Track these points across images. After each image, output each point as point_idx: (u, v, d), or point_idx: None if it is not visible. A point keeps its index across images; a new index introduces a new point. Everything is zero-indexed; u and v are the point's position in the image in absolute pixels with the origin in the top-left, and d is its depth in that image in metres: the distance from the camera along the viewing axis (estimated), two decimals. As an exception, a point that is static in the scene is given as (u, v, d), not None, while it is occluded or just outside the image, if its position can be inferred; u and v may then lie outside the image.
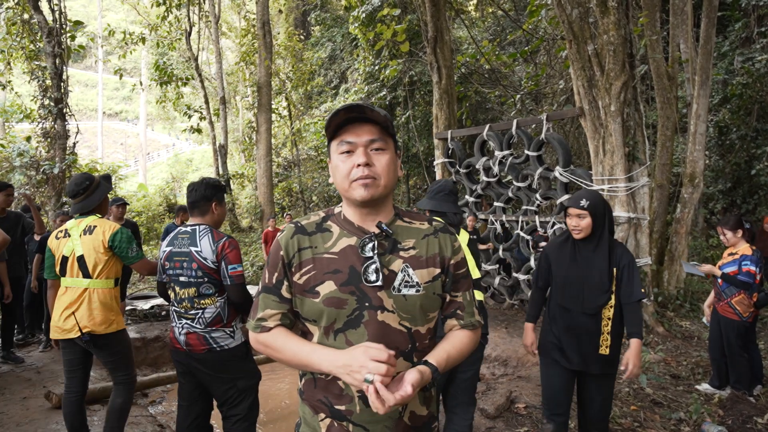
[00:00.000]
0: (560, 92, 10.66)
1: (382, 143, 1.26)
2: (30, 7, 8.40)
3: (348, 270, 1.26)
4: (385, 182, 1.26)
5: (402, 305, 1.26)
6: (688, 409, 3.88)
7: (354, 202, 1.28)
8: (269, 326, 1.33)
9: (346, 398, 1.25)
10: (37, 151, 9.01)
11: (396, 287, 1.26)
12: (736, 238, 4.14)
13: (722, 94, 10.52)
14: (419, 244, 1.33)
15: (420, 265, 1.30)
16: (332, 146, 1.30)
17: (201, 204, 2.67)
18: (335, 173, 1.29)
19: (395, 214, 1.36)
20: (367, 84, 14.44)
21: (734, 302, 4.08)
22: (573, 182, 6.22)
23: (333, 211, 1.38)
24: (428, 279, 1.30)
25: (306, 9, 21.71)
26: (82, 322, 2.80)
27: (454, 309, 1.39)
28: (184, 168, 35.04)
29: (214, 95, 17.96)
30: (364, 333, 1.23)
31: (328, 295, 1.25)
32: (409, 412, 1.29)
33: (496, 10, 15.57)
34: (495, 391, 4.09)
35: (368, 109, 1.23)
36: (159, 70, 13.89)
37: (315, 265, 1.28)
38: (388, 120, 1.27)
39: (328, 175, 17.83)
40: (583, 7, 5.95)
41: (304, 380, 1.36)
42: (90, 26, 29.35)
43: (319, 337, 1.28)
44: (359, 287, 1.24)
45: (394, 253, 1.29)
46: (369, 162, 1.23)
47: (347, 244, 1.29)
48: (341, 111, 1.23)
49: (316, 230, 1.33)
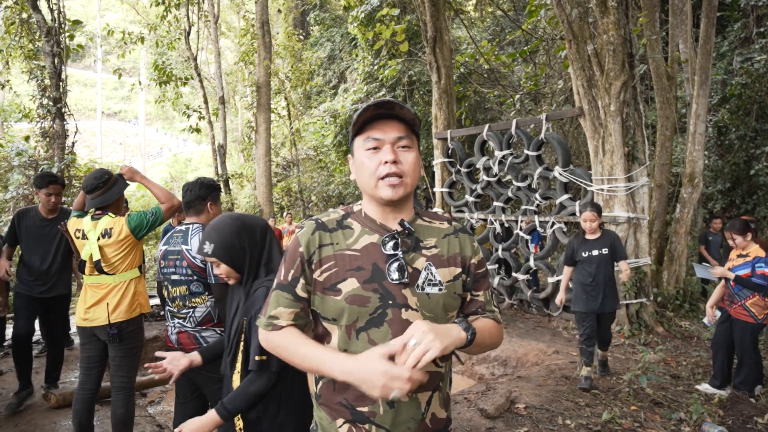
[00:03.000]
0: (559, 92, 10.66)
1: (408, 141, 1.25)
2: (29, 7, 8.36)
3: (371, 267, 1.24)
4: (410, 181, 1.25)
5: (425, 303, 1.25)
6: (689, 409, 3.88)
7: (379, 201, 1.27)
8: (281, 325, 1.30)
9: (368, 399, 1.21)
10: (36, 151, 8.98)
11: (420, 285, 1.25)
12: (746, 241, 4.14)
13: (721, 94, 10.52)
14: (440, 243, 1.32)
15: (442, 264, 1.29)
16: (357, 142, 1.28)
17: (196, 203, 2.67)
18: (360, 170, 1.27)
19: (415, 213, 1.35)
20: (366, 84, 14.45)
21: (749, 304, 4.06)
22: (572, 182, 6.22)
23: (352, 208, 1.36)
24: (450, 278, 1.29)
25: (305, 9, 21.70)
26: (113, 314, 2.87)
27: (476, 307, 1.39)
28: (183, 168, 35.00)
29: (213, 95, 17.93)
30: (388, 331, 1.21)
31: (350, 292, 1.22)
32: (431, 414, 1.27)
33: (495, 10, 15.57)
34: (495, 391, 4.09)
35: (398, 105, 1.22)
36: (158, 69, 13.86)
37: (337, 262, 1.25)
38: (416, 118, 1.26)
39: (327, 174, 17.96)
40: (582, 7, 5.95)
41: (321, 383, 1.31)
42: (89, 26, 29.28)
43: (340, 336, 1.25)
44: (383, 285, 1.23)
45: (417, 252, 1.28)
46: (396, 159, 1.22)
47: (369, 241, 1.27)
48: (371, 107, 1.21)
49: (337, 227, 1.30)
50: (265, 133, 14.99)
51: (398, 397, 1.06)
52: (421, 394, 1.24)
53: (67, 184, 8.91)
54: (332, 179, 17.28)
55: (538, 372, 4.68)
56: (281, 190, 18.26)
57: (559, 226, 6.31)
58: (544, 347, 5.44)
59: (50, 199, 3.79)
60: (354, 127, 1.26)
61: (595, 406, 3.93)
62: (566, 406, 3.87)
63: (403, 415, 1.22)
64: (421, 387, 1.21)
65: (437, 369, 1.28)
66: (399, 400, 1.13)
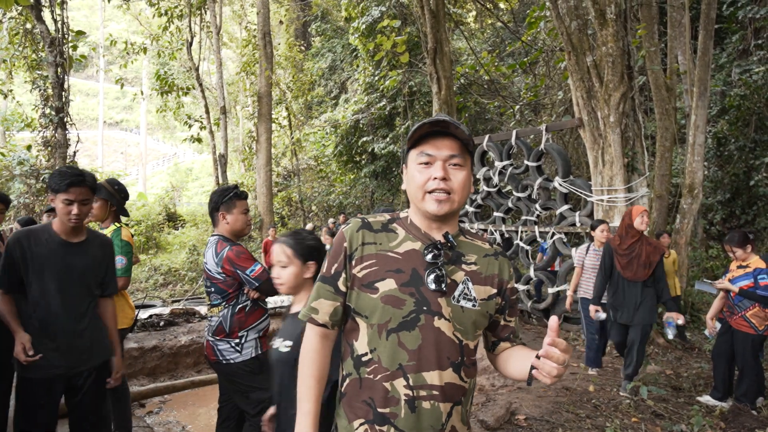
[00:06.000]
0: (559, 103, 10.72)
1: (460, 159, 1.28)
2: (33, 17, 8.45)
3: (410, 272, 1.26)
4: (458, 198, 1.28)
5: (458, 316, 1.27)
6: (690, 421, 3.85)
7: (424, 213, 1.30)
8: (319, 321, 1.34)
9: (392, 401, 1.23)
10: (38, 160, 9.02)
11: (456, 297, 1.27)
12: (746, 253, 4.14)
13: (720, 105, 10.57)
14: (480, 261, 1.35)
15: (479, 281, 1.32)
16: (411, 155, 1.31)
17: (212, 215, 2.73)
18: (410, 182, 1.31)
19: (459, 230, 1.38)
20: (367, 94, 14.52)
21: (749, 315, 4.05)
22: (572, 192, 6.23)
23: (398, 215, 1.39)
24: (484, 297, 1.32)
25: (307, 20, 21.86)
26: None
27: (509, 333, 1.42)
28: (184, 177, 35.09)
29: (215, 105, 18.02)
30: (419, 336, 1.23)
31: (387, 292, 1.25)
32: (450, 426, 1.28)
33: (495, 22, 15.69)
34: (495, 402, 4.06)
35: (453, 125, 1.24)
36: (160, 79, 13.95)
37: (378, 261, 1.28)
38: (470, 138, 1.29)
39: (327, 184, 17.99)
40: (581, 19, 6.00)
41: (348, 380, 1.32)
42: (92, 36, 29.52)
43: (370, 334, 1.27)
44: (420, 290, 1.25)
45: (457, 265, 1.31)
46: (446, 177, 1.25)
47: (412, 247, 1.30)
48: (426, 124, 1.24)
49: (382, 229, 1.34)
50: (266, 143, 15.05)
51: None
52: (444, 405, 1.25)
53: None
54: (333, 189, 17.30)
55: (539, 383, 4.66)
56: (282, 200, 18.27)
57: (560, 236, 6.31)
58: (544, 358, 5.41)
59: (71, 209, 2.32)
60: (409, 141, 1.30)
61: (596, 417, 3.90)
62: (566, 418, 3.85)
63: (425, 421, 1.23)
64: (444, 397, 1.24)
65: (461, 383, 1.29)
66: (421, 406, 1.20)
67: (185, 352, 5.41)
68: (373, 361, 1.26)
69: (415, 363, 1.23)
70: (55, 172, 2.31)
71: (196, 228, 17.08)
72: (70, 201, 2.27)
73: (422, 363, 1.23)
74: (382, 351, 1.24)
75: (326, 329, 1.35)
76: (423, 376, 1.23)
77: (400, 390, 1.22)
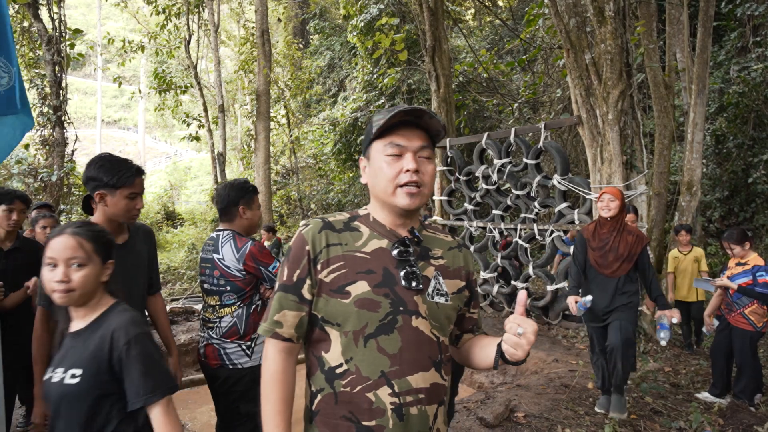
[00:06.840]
0: (558, 101, 10.72)
1: (429, 152, 1.23)
2: (30, 16, 8.42)
3: (382, 271, 1.20)
4: (427, 191, 1.23)
5: (434, 313, 1.23)
6: (688, 418, 3.86)
7: (393, 208, 1.24)
8: (284, 335, 1.21)
9: (377, 412, 1.14)
10: (36, 159, 9.00)
11: (430, 293, 1.23)
12: (745, 250, 4.15)
13: (719, 102, 10.57)
14: (446, 254, 1.32)
15: (448, 275, 1.29)
16: (376, 146, 1.23)
17: (228, 209, 2.50)
18: (377, 175, 1.22)
19: (420, 224, 1.33)
20: (366, 92, 14.51)
21: (747, 312, 4.06)
22: (571, 190, 6.23)
23: (357, 213, 1.31)
24: (454, 290, 1.29)
25: (305, 18, 21.82)
26: None
27: (472, 325, 1.40)
28: (183, 175, 35.03)
29: (213, 103, 17.99)
30: (398, 339, 1.17)
31: (360, 296, 1.17)
32: (436, 429, 1.24)
33: (493, 20, 15.68)
34: (494, 399, 4.07)
35: (428, 114, 1.19)
36: (158, 78, 13.92)
37: (346, 262, 1.20)
38: (442, 130, 1.24)
39: (326, 182, 18.00)
40: (580, 17, 5.99)
41: (319, 397, 1.19)
42: (89, 34, 29.48)
43: (344, 343, 1.17)
44: (394, 290, 1.19)
45: (426, 261, 1.27)
46: (418, 169, 1.19)
47: (378, 245, 1.23)
48: (400, 112, 1.17)
49: (345, 228, 1.26)
50: (265, 141, 15.02)
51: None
52: (429, 407, 1.20)
53: (66, 192, 8.92)
54: (331, 187, 17.30)
55: (538, 380, 4.67)
56: (280, 198, 18.27)
57: (558, 234, 6.32)
58: (543, 355, 5.43)
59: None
60: (378, 130, 1.21)
61: (595, 414, 3.91)
62: (565, 415, 3.86)
63: (413, 428, 1.17)
64: (428, 399, 1.19)
65: (443, 382, 1.25)
66: (409, 412, 1.14)
67: (185, 351, 5.41)
68: (350, 371, 1.15)
69: (398, 368, 1.15)
70: (104, 164, 1.96)
71: (195, 226, 17.08)
72: (135, 194, 2.02)
73: (405, 367, 1.16)
74: (361, 360, 1.15)
75: (292, 344, 1.22)
76: (408, 380, 1.16)
77: (385, 399, 1.14)
